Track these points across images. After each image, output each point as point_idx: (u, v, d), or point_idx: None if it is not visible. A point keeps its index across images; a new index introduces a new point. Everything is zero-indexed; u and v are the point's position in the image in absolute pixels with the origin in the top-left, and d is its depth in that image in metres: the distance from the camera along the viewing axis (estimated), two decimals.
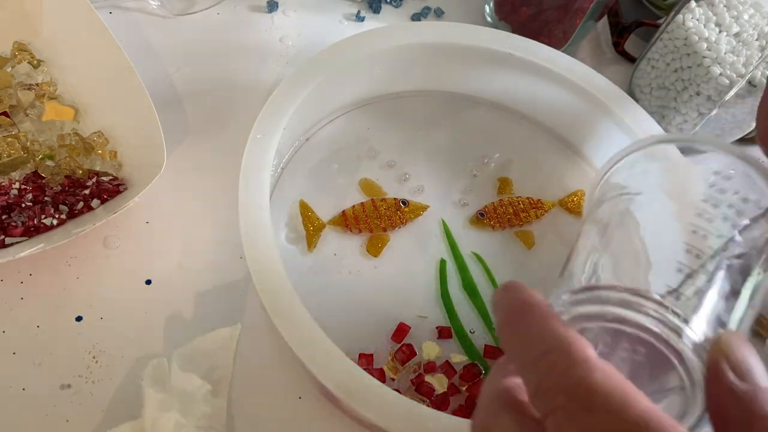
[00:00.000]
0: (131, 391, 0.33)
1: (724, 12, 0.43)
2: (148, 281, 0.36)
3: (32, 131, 0.39)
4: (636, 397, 0.16)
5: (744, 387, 0.18)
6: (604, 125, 0.42)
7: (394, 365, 0.35)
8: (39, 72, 0.41)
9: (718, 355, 0.19)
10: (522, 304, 0.20)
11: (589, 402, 0.16)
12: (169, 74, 0.44)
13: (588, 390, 0.17)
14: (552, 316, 0.19)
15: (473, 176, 0.43)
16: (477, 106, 0.46)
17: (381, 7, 0.51)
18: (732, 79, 0.41)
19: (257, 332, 0.35)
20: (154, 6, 0.47)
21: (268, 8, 0.49)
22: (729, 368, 0.19)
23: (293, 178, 0.41)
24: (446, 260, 0.39)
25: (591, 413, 0.16)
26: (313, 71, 0.38)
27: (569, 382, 0.17)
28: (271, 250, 0.32)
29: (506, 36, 0.42)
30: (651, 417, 0.16)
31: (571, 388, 0.17)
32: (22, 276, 0.35)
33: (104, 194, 0.37)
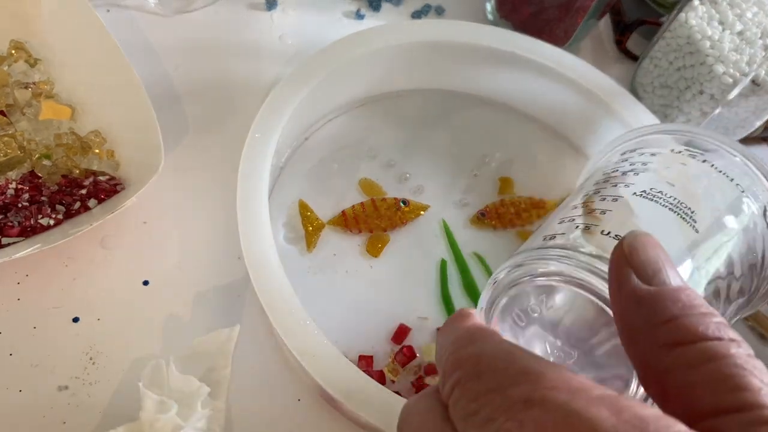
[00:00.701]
0: (129, 392, 0.33)
1: (727, 10, 0.43)
2: (145, 282, 0.36)
3: (29, 130, 0.38)
4: (521, 353, 0.16)
5: (647, 290, 0.16)
6: (606, 124, 0.42)
7: (395, 367, 0.35)
8: (36, 71, 0.40)
9: (618, 258, 0.17)
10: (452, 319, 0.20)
11: (477, 368, 0.16)
12: (167, 73, 0.44)
13: (476, 358, 0.16)
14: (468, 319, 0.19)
15: (474, 176, 0.43)
16: (478, 105, 0.46)
17: (381, 5, 0.50)
18: (735, 77, 0.40)
19: (256, 333, 0.35)
20: (152, 4, 0.46)
21: (267, 6, 0.48)
22: (632, 272, 0.16)
23: (292, 178, 0.40)
24: (447, 260, 0.39)
25: (479, 378, 0.16)
26: (313, 70, 0.38)
27: (462, 357, 0.17)
28: (269, 251, 0.32)
29: (507, 34, 0.42)
30: (533, 367, 0.15)
31: (463, 362, 0.17)
32: (19, 277, 0.35)
33: (101, 194, 0.36)
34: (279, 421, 0.33)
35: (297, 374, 0.34)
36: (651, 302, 0.16)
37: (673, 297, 0.16)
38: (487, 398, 0.15)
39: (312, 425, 0.33)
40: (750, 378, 0.14)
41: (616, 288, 0.17)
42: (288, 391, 0.34)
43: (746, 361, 0.14)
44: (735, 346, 0.15)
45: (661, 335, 0.15)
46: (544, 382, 0.14)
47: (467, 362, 0.16)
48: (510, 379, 0.15)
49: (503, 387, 0.15)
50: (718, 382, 0.14)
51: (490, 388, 0.15)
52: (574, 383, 0.14)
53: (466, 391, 0.16)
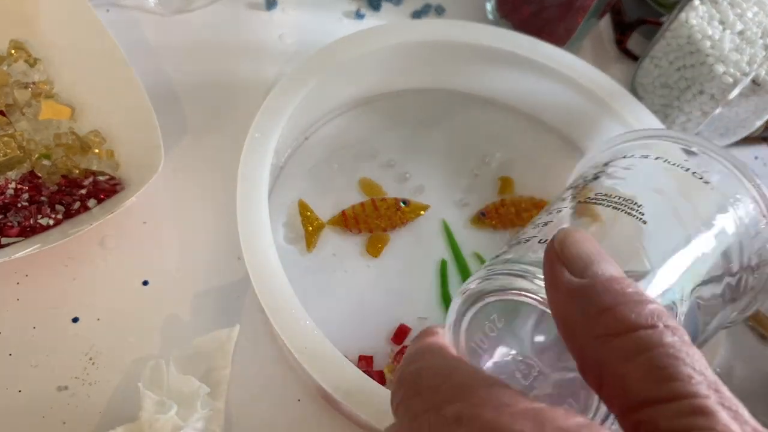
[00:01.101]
0: (128, 393, 0.33)
1: (727, 10, 0.42)
2: (145, 282, 0.36)
3: (28, 130, 0.38)
4: (459, 369, 0.16)
5: (579, 283, 0.16)
6: (606, 124, 0.42)
7: (394, 367, 0.35)
8: (35, 70, 0.40)
9: (550, 256, 0.17)
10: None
11: (416, 386, 0.16)
12: (166, 73, 0.44)
13: (416, 375, 0.17)
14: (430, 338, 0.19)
15: (474, 176, 0.43)
16: (478, 104, 0.46)
17: (381, 4, 0.50)
18: (736, 77, 0.40)
19: (255, 333, 0.35)
20: (152, 4, 0.46)
21: (266, 6, 0.48)
22: (564, 267, 0.16)
23: (292, 178, 0.40)
24: (447, 261, 0.39)
25: (418, 396, 0.16)
26: (312, 69, 0.38)
27: (404, 375, 0.17)
28: (269, 251, 0.32)
29: (508, 34, 0.42)
30: (467, 383, 0.15)
31: (405, 380, 0.17)
32: (18, 277, 0.35)
33: (101, 194, 0.36)
34: (279, 421, 0.33)
35: (297, 374, 0.34)
36: (584, 295, 0.16)
37: (605, 287, 0.15)
38: (424, 418, 0.15)
39: (312, 425, 0.33)
40: (682, 367, 0.14)
41: (551, 285, 0.17)
42: (288, 391, 0.34)
43: (679, 349, 0.14)
44: (669, 334, 0.14)
45: (596, 327, 0.15)
46: (475, 398, 0.14)
47: (408, 380, 0.17)
48: (444, 396, 0.15)
49: (438, 406, 0.15)
50: (650, 373, 0.14)
51: (426, 408, 0.15)
52: (503, 398, 0.14)
53: (407, 410, 0.16)
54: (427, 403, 0.15)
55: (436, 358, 0.17)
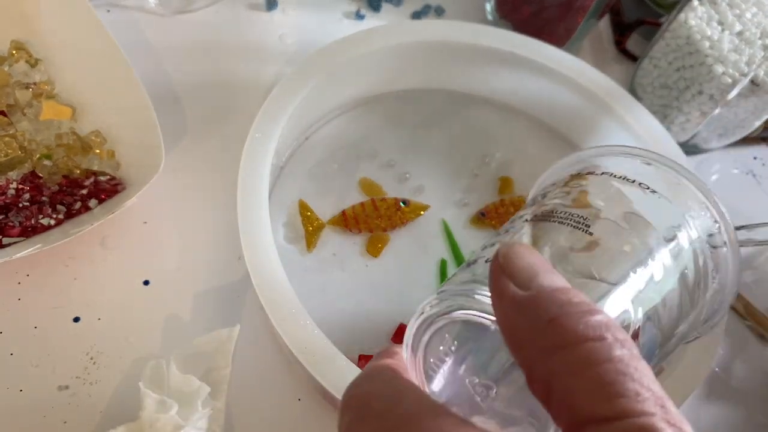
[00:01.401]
0: (129, 392, 0.33)
1: (726, 10, 0.43)
2: (146, 282, 0.36)
3: (30, 130, 0.38)
4: (405, 395, 0.16)
5: (524, 295, 0.15)
6: (605, 124, 0.42)
7: None
8: (36, 71, 0.40)
9: (495, 270, 0.16)
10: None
11: (363, 411, 0.16)
12: (167, 73, 0.44)
13: (364, 399, 0.17)
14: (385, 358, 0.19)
15: (474, 176, 0.43)
16: (478, 105, 0.46)
17: (381, 5, 0.50)
18: (734, 78, 0.41)
19: (256, 333, 0.35)
20: (153, 4, 0.46)
21: (267, 6, 0.48)
22: (509, 280, 0.16)
23: (292, 178, 0.40)
24: (447, 260, 0.39)
25: (363, 422, 0.16)
26: (313, 70, 0.38)
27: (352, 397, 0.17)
28: (270, 251, 0.32)
29: (507, 34, 0.42)
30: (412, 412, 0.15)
31: (352, 402, 0.17)
32: (20, 277, 0.35)
33: (102, 194, 0.36)
34: (279, 420, 0.33)
35: (297, 374, 0.34)
36: (530, 306, 0.15)
37: (551, 298, 0.15)
38: None
39: (312, 425, 0.33)
40: (629, 383, 0.13)
41: (497, 298, 0.16)
42: (288, 390, 0.34)
43: (628, 364, 0.14)
44: (618, 347, 0.14)
45: (543, 339, 0.14)
46: (417, 429, 0.14)
47: (356, 402, 0.17)
48: (388, 425, 0.15)
49: None
50: (597, 389, 0.13)
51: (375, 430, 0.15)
52: (446, 428, 0.14)
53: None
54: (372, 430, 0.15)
55: (385, 382, 0.17)
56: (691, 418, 0.38)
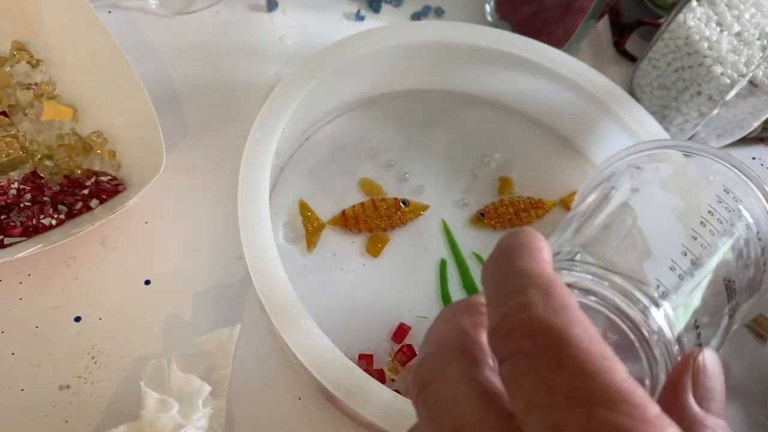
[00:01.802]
0: (130, 391, 0.33)
1: (725, 11, 0.43)
2: (147, 281, 0.36)
3: (31, 131, 0.38)
4: (615, 366, 0.14)
5: (696, 411, 0.17)
6: (604, 125, 0.42)
7: (394, 366, 0.35)
8: (38, 71, 0.41)
9: (685, 371, 0.17)
10: (520, 243, 0.17)
11: (560, 356, 0.14)
12: (168, 73, 0.44)
13: (562, 342, 0.14)
14: (543, 258, 0.16)
15: (474, 176, 0.43)
16: (477, 105, 0.46)
17: (381, 6, 0.50)
18: (733, 78, 0.41)
19: (256, 333, 0.35)
20: (153, 5, 0.47)
21: (267, 7, 0.48)
22: (691, 388, 0.17)
23: (293, 178, 0.41)
24: (447, 260, 0.39)
25: (560, 370, 0.13)
26: (313, 70, 0.38)
27: (541, 325, 0.14)
28: (270, 250, 0.32)
29: (507, 35, 0.42)
30: (628, 392, 0.13)
31: (542, 334, 0.14)
32: (21, 276, 0.35)
33: (103, 194, 0.36)
34: (279, 419, 0.33)
35: (297, 373, 0.34)
36: (696, 423, 0.16)
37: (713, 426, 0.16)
38: (568, 407, 0.13)
39: (312, 424, 0.33)
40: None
41: (671, 387, 0.17)
42: (288, 389, 0.34)
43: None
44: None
45: None
46: (644, 418, 0.13)
47: (546, 337, 0.14)
48: (601, 395, 0.13)
49: (592, 403, 0.13)
50: None
51: (572, 395, 0.13)
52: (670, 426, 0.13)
53: (537, 378, 0.14)
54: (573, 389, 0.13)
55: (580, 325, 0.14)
56: None
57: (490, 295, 0.16)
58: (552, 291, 0.15)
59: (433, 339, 0.18)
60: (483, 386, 0.15)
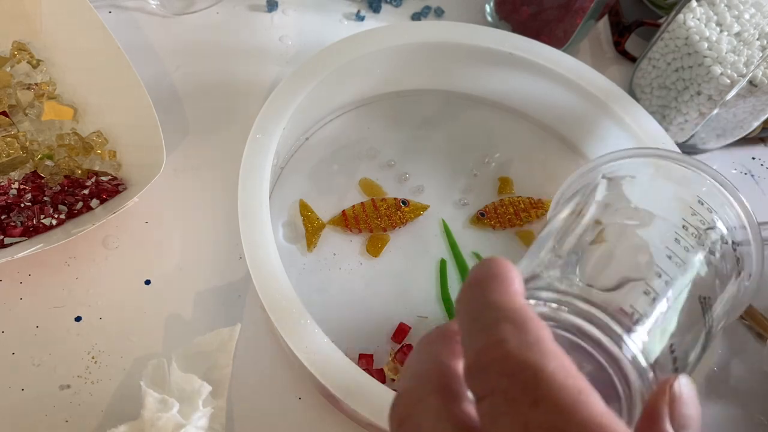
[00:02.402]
0: (130, 391, 0.33)
1: (725, 11, 0.43)
2: (147, 281, 0.36)
3: (31, 131, 0.38)
4: (592, 399, 0.14)
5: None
6: (604, 125, 0.42)
7: (395, 366, 0.35)
8: (38, 71, 0.41)
9: (661, 398, 0.18)
10: (492, 274, 0.17)
11: (536, 392, 0.14)
12: (168, 74, 0.44)
13: (537, 378, 0.14)
14: (515, 290, 0.16)
15: (473, 176, 0.43)
16: (477, 105, 0.46)
17: (381, 6, 0.51)
18: (733, 78, 0.41)
19: (257, 332, 0.35)
20: (154, 5, 0.47)
21: (267, 8, 0.49)
22: (668, 415, 0.17)
23: (293, 178, 0.41)
24: (446, 260, 0.39)
25: (537, 406, 0.13)
26: (313, 71, 0.38)
27: (516, 362, 0.14)
28: (270, 250, 0.32)
29: (507, 35, 0.42)
30: (607, 425, 0.13)
31: (517, 371, 0.14)
32: (21, 276, 0.35)
33: (103, 194, 0.37)
34: (280, 419, 0.33)
35: (297, 373, 0.34)
36: None
37: None
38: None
39: (312, 423, 0.34)
40: None
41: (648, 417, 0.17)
42: (289, 389, 0.34)
43: None
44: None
45: None
46: None
47: (521, 375, 0.14)
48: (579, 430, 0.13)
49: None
50: None
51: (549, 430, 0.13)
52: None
53: (514, 416, 0.14)
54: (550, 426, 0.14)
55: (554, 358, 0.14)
56: None
57: (464, 327, 0.16)
58: (525, 325, 0.15)
59: (410, 373, 0.17)
60: (461, 422, 0.15)
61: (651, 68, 0.47)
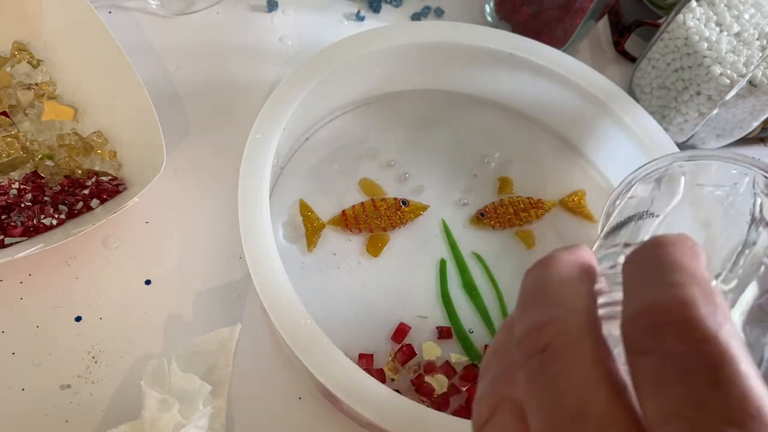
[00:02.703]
0: (131, 391, 0.33)
1: (724, 11, 0.43)
2: (147, 281, 0.36)
3: (31, 131, 0.38)
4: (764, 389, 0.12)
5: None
6: (604, 125, 0.42)
7: (394, 365, 0.35)
8: (38, 72, 0.41)
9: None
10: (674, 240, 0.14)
11: (718, 373, 0.12)
12: (168, 74, 0.44)
13: (724, 358, 0.12)
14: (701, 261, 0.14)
15: (473, 176, 0.43)
16: (477, 105, 0.46)
17: (381, 6, 0.51)
18: (732, 78, 0.41)
19: (257, 332, 0.35)
20: (154, 5, 0.47)
21: (267, 8, 0.49)
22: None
23: (293, 178, 0.41)
24: (446, 260, 0.39)
25: (716, 388, 0.12)
26: (313, 71, 0.38)
27: (703, 333, 0.12)
28: (270, 250, 0.32)
29: (507, 35, 0.42)
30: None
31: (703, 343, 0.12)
32: (22, 276, 0.35)
33: (104, 194, 0.37)
34: (280, 419, 0.33)
35: (298, 372, 0.35)
36: None
37: None
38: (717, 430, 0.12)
39: (312, 423, 0.34)
40: None
41: None
42: (289, 389, 0.34)
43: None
44: None
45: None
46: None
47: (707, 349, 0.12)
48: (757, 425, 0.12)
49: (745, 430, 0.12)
50: None
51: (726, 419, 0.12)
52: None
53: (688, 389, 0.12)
54: None
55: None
56: None
57: (633, 276, 0.14)
58: (713, 298, 0.13)
59: (556, 300, 0.15)
60: (614, 376, 0.14)
61: (651, 68, 0.47)
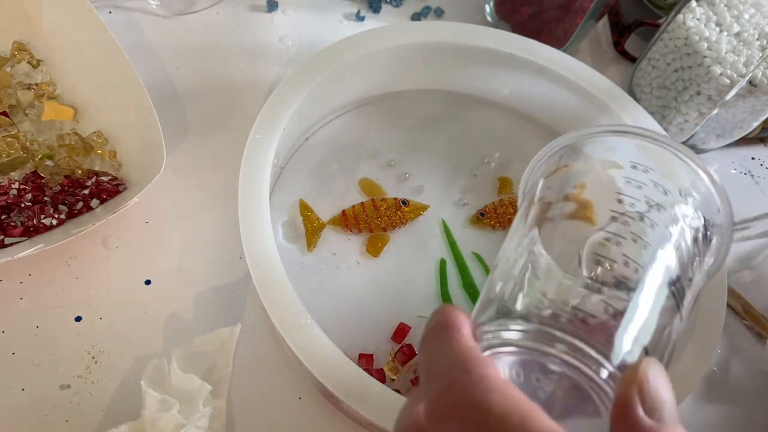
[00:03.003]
0: (131, 391, 0.33)
1: (724, 11, 0.43)
2: (147, 281, 0.36)
3: (31, 131, 0.38)
4: (537, 418, 0.15)
5: (649, 424, 0.17)
6: None
7: (394, 365, 0.35)
8: (38, 72, 0.41)
9: (630, 385, 0.18)
10: (441, 323, 0.18)
11: (484, 426, 0.15)
12: (168, 74, 0.44)
13: (483, 412, 0.15)
14: (461, 335, 0.18)
15: (473, 176, 0.43)
16: (477, 105, 0.46)
17: (381, 6, 0.51)
18: (732, 78, 0.41)
19: (257, 332, 0.35)
20: (154, 5, 0.47)
21: (267, 8, 0.49)
22: (639, 402, 0.17)
23: (293, 178, 0.41)
24: (446, 260, 0.39)
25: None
26: (313, 71, 0.38)
27: (464, 403, 0.16)
28: (270, 250, 0.32)
29: (506, 35, 0.42)
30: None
31: (466, 411, 0.15)
32: (22, 276, 0.35)
33: (104, 194, 0.37)
34: (280, 419, 0.33)
35: (298, 372, 0.35)
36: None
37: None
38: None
39: (312, 423, 0.34)
40: None
41: (620, 411, 0.17)
42: (289, 389, 0.34)
43: None
44: None
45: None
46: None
47: (470, 412, 0.15)
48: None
49: None
50: None
51: None
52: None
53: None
54: None
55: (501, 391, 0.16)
56: (690, 417, 0.38)
57: (422, 380, 0.18)
58: (468, 365, 0.16)
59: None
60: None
61: (651, 68, 0.47)
